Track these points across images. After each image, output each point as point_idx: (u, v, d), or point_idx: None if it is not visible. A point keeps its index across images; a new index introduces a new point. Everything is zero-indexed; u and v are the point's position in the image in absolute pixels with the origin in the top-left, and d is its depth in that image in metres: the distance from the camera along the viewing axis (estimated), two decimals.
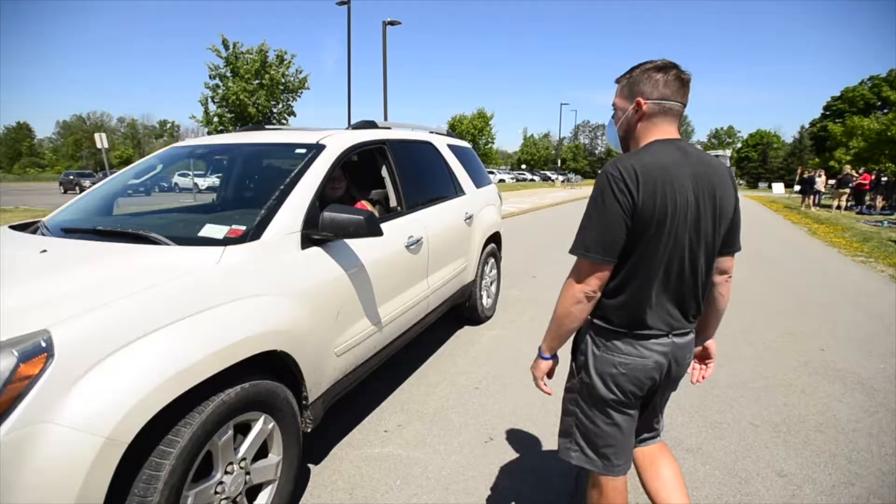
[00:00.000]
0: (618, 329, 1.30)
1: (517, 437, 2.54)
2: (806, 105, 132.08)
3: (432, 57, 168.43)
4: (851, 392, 3.11)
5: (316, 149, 2.32)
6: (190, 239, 1.85)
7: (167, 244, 1.75)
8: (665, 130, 1.27)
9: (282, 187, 2.05)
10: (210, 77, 16.45)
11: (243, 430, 1.65)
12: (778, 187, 32.36)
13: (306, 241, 1.98)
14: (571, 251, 1.27)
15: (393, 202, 2.91)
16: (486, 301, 4.26)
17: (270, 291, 1.73)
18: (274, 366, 1.79)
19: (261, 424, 1.68)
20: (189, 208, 2.67)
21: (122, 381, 1.23)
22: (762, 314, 4.75)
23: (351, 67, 16.94)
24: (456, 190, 3.69)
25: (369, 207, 2.85)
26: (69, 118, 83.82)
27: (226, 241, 1.80)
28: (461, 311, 4.04)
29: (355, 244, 2.23)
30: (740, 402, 2.97)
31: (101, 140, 14.22)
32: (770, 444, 2.50)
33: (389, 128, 3.18)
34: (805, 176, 18.60)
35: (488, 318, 4.35)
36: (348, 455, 2.36)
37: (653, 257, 1.23)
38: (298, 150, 2.33)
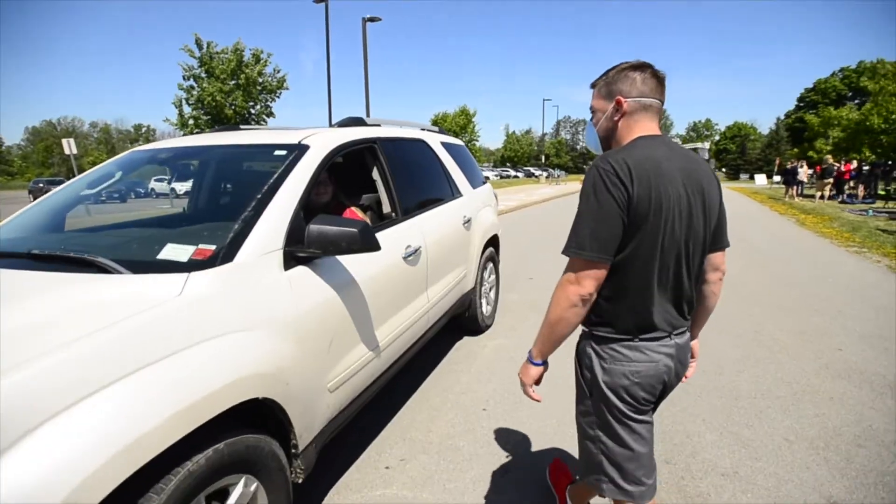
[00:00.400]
0: (622, 336, 1.25)
1: (536, 467, 2.27)
2: (780, 97, 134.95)
3: (413, 56, 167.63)
4: (882, 397, 2.91)
5: (298, 150, 2.01)
6: (147, 263, 1.53)
7: (118, 271, 1.43)
8: (647, 127, 1.25)
9: (259, 196, 1.73)
10: (184, 78, 15.83)
11: (220, 496, 1.34)
12: (760, 178, 32.68)
13: (289, 260, 1.67)
14: (565, 251, 1.21)
15: (386, 208, 2.62)
16: (485, 309, 3.99)
17: (247, 326, 1.42)
18: (256, 412, 1.48)
19: (241, 488, 1.37)
20: (155, 220, 2.34)
21: (48, 466, 0.91)
22: (768, 311, 4.57)
23: (330, 67, 16.50)
24: (452, 192, 3.40)
25: (360, 215, 2.54)
26: (39, 124, 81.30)
27: (191, 265, 1.48)
28: (460, 320, 3.76)
29: (347, 259, 1.93)
30: (769, 413, 2.74)
31: (69, 146, 13.55)
32: (811, 464, 2.28)
33: (379, 125, 2.87)
34: (788, 167, 18.75)
35: (488, 326, 4.08)
36: (347, 501, 2.06)
37: (651, 253, 1.19)
38: (278, 153, 2.02)
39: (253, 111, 16.61)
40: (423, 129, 3.59)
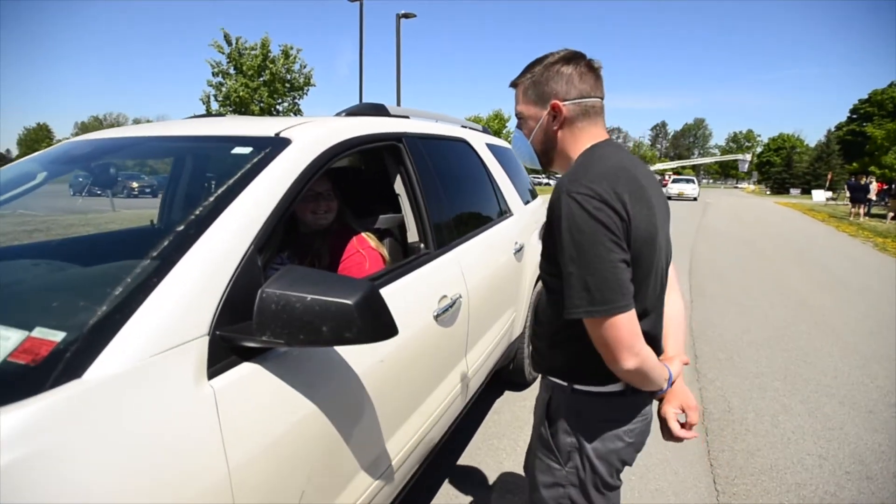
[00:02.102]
0: (621, 390, 1.02)
1: None
2: (829, 108, 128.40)
3: (447, 57, 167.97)
4: None
5: (271, 147, 1.21)
6: None
7: None
8: (596, 133, 1.05)
9: (179, 229, 0.94)
10: (213, 74, 15.53)
11: None
12: (818, 194, 30.07)
13: (224, 355, 0.87)
14: (573, 314, 0.90)
15: (413, 235, 1.80)
16: None
17: None
18: None
19: None
20: (80, 243, 1.60)
21: None
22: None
23: (363, 66, 15.92)
24: (501, 209, 2.57)
25: (373, 245, 1.74)
26: (87, 119, 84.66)
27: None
28: (502, 374, 2.92)
29: None
30: None
31: None
32: None
33: (407, 117, 2.07)
34: (861, 182, 16.90)
35: (536, 378, 3.22)
36: None
37: (649, 282, 0.98)
38: (238, 150, 1.23)
39: (280, 108, 16.14)
40: (463, 126, 2.78)
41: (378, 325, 0.90)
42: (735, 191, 56.71)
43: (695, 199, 25.71)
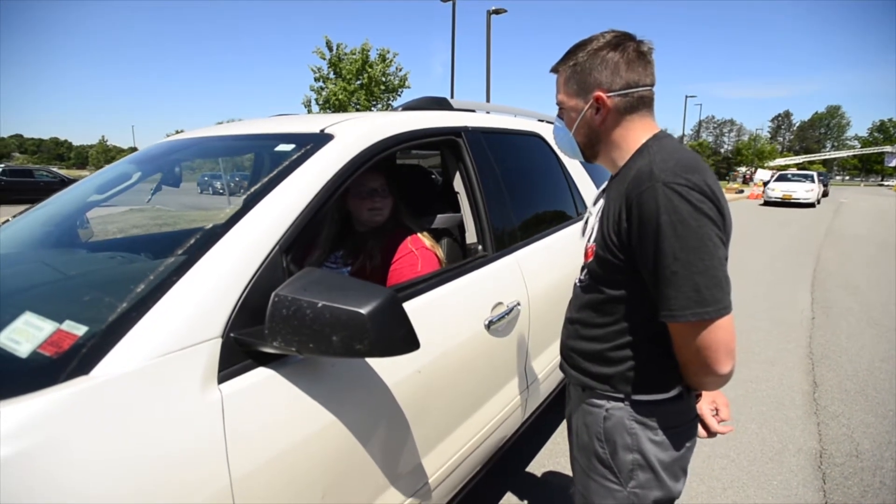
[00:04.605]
0: (679, 393, 0.96)
1: None
2: None
3: (541, 50, 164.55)
4: None
5: (313, 143, 1.18)
6: None
7: None
8: (650, 125, 0.97)
9: (207, 227, 0.93)
10: (315, 80, 16.62)
11: None
12: None
13: (237, 359, 0.84)
14: (677, 318, 0.83)
15: (472, 236, 1.69)
16: None
17: None
18: None
19: None
20: (149, 240, 1.72)
21: None
22: None
23: (454, 64, 16.10)
24: (577, 209, 2.36)
25: (427, 245, 1.66)
26: (212, 125, 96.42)
27: (17, 375, 0.72)
28: None
29: None
30: None
31: None
32: None
33: (473, 111, 1.96)
34: None
35: None
36: None
37: None
38: (281, 148, 1.22)
39: (374, 110, 16.84)
40: (539, 121, 2.60)
41: (394, 338, 0.81)
42: (880, 189, 48.41)
43: (811, 204, 18.17)
